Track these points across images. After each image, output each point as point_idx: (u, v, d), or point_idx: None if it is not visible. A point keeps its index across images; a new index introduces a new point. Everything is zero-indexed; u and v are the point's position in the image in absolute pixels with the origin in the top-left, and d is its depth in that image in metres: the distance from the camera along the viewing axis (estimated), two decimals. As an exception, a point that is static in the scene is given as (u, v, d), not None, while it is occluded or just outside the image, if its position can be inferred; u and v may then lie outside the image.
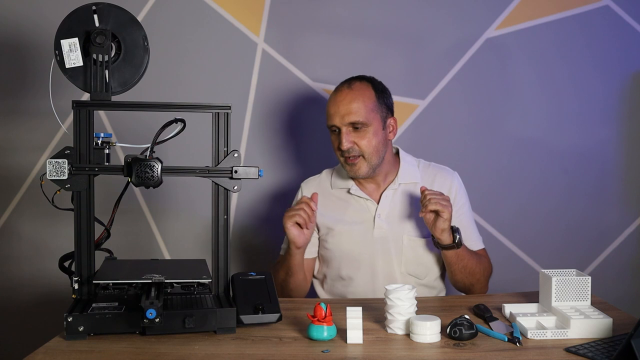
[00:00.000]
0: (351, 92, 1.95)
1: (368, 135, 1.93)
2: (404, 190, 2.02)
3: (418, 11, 2.44)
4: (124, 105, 1.63)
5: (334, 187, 2.07)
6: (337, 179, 2.08)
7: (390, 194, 2.02)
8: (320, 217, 2.03)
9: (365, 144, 1.93)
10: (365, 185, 2.04)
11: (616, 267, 2.53)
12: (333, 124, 1.95)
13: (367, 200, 2.02)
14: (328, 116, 1.97)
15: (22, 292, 2.46)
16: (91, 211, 1.58)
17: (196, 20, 2.41)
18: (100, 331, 1.46)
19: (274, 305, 1.60)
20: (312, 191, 2.04)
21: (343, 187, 2.05)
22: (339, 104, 1.94)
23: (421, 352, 1.41)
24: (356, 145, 1.93)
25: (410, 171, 2.04)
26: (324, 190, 2.07)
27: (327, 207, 2.04)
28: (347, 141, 1.92)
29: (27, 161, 2.42)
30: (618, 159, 2.53)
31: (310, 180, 2.13)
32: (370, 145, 1.94)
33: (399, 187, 2.02)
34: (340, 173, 2.09)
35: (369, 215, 2.01)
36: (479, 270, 1.95)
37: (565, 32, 2.47)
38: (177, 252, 2.46)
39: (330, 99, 1.99)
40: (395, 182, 2.02)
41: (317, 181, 2.11)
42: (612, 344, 1.40)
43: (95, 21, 1.56)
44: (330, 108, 1.97)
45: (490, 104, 2.49)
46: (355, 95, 1.94)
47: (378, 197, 2.03)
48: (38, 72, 2.36)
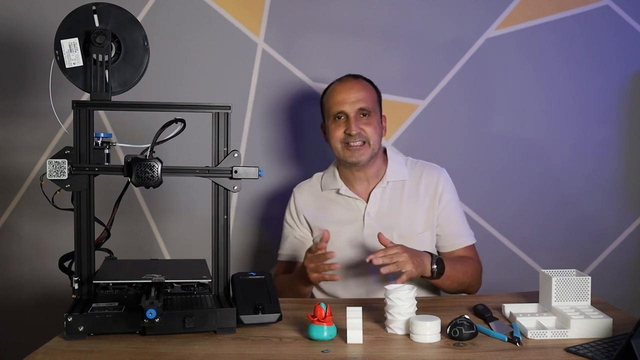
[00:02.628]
0: (358, 82, 2.03)
1: (374, 123, 2.00)
2: (393, 188, 2.04)
3: (418, 11, 2.44)
4: (124, 105, 1.63)
5: (324, 189, 2.10)
6: (327, 181, 2.11)
7: (379, 192, 2.04)
8: (312, 219, 2.07)
9: (372, 130, 1.98)
10: (355, 185, 2.06)
11: (616, 267, 2.53)
12: (341, 110, 1.98)
13: (356, 199, 2.04)
14: (334, 104, 2.00)
15: (22, 292, 2.46)
16: (91, 211, 1.58)
17: (196, 20, 2.41)
18: (100, 331, 1.46)
19: (274, 305, 1.60)
20: (305, 196, 2.11)
21: (333, 188, 2.08)
22: (349, 91, 1.99)
23: (421, 352, 1.41)
24: (363, 131, 1.97)
25: (398, 169, 2.06)
26: (315, 193, 2.11)
27: (319, 209, 2.08)
28: (356, 126, 1.96)
29: (27, 161, 2.42)
30: (618, 159, 2.53)
31: (301, 185, 2.16)
32: (376, 133, 1.99)
33: (387, 185, 2.04)
34: (330, 175, 2.11)
35: (359, 214, 2.03)
36: (466, 279, 1.95)
37: (565, 32, 2.47)
38: (177, 252, 2.46)
39: (334, 89, 2.03)
40: (383, 180, 2.04)
41: (309, 185, 2.14)
42: (612, 344, 1.40)
43: (95, 21, 1.56)
44: (337, 96, 2.00)
45: (491, 104, 2.49)
46: (362, 85, 2.03)
47: (367, 196, 2.04)
48: (38, 72, 2.36)
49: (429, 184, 2.04)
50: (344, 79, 2.06)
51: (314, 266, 1.80)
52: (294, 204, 2.12)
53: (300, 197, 2.11)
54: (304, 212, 2.09)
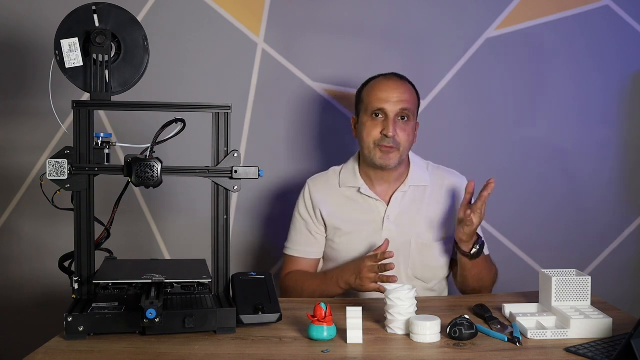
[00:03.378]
0: (403, 84, 1.98)
1: (409, 129, 1.95)
2: (414, 192, 2.01)
3: (418, 11, 2.44)
4: (124, 105, 1.63)
5: (342, 186, 2.04)
6: (346, 177, 2.04)
7: (400, 196, 2.00)
8: (328, 216, 2.01)
9: (406, 137, 1.94)
10: (376, 186, 2.02)
11: (616, 267, 2.53)
12: (382, 107, 1.93)
13: (377, 200, 2.00)
14: (375, 100, 1.94)
15: (22, 292, 2.46)
16: (91, 211, 1.58)
17: (196, 20, 2.41)
18: (100, 331, 1.46)
19: (274, 305, 1.60)
20: (321, 191, 2.03)
21: (352, 185, 2.02)
22: (393, 90, 1.94)
23: (421, 352, 1.41)
24: (397, 136, 1.93)
25: (420, 174, 2.03)
26: (332, 189, 2.04)
27: (335, 205, 2.02)
28: (394, 129, 1.92)
29: (27, 161, 2.42)
30: (618, 159, 2.53)
31: (316, 177, 2.09)
32: (409, 140, 1.96)
33: (409, 189, 2.01)
34: (349, 171, 2.05)
35: (378, 216, 1.99)
36: (488, 279, 1.96)
37: (565, 32, 2.47)
38: (177, 252, 2.46)
39: (377, 84, 1.97)
40: (405, 184, 2.01)
41: (325, 179, 2.07)
42: (612, 344, 1.40)
43: (95, 21, 1.56)
44: (380, 92, 1.94)
45: (490, 104, 2.49)
46: (407, 87, 1.98)
47: (388, 198, 2.01)
48: (38, 72, 2.36)
49: (451, 192, 2.01)
50: (389, 76, 1.99)
51: (375, 276, 1.74)
52: (309, 197, 2.04)
53: (316, 191, 2.04)
54: (320, 207, 2.01)
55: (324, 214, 2.01)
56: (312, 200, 2.03)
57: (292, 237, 2.06)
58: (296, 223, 2.06)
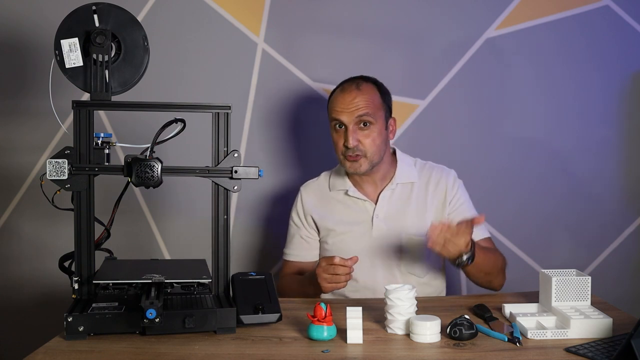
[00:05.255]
0: (360, 93, 1.96)
1: (373, 135, 1.95)
2: (402, 190, 2.03)
3: (418, 11, 2.44)
4: (124, 105, 1.63)
5: (332, 189, 2.08)
6: (335, 181, 2.09)
7: (387, 194, 2.03)
8: (319, 220, 2.06)
9: (370, 142, 1.94)
10: (363, 186, 2.05)
11: (616, 267, 2.53)
12: (339, 119, 1.95)
13: (365, 201, 2.03)
14: (334, 111, 1.97)
15: (22, 292, 2.46)
16: (91, 211, 1.58)
17: (196, 20, 2.41)
18: (100, 331, 1.47)
19: (274, 305, 1.60)
20: (312, 196, 2.08)
21: (341, 188, 2.06)
22: (349, 101, 1.94)
23: (421, 352, 1.41)
24: (360, 144, 1.94)
25: (408, 171, 2.05)
26: (323, 193, 2.09)
27: (327, 209, 2.06)
28: (353, 139, 1.93)
29: (27, 161, 2.42)
30: (618, 159, 2.53)
31: (309, 184, 2.14)
32: (374, 145, 1.95)
33: (396, 187, 2.03)
34: (338, 174, 2.09)
35: (367, 216, 2.02)
36: (493, 270, 1.91)
37: (565, 32, 2.47)
38: (177, 252, 2.46)
39: (336, 96, 1.99)
40: (392, 182, 2.03)
41: (316, 184, 2.12)
42: (612, 344, 1.40)
43: (95, 21, 1.56)
44: (337, 104, 1.96)
45: (490, 104, 2.49)
46: (363, 91, 1.96)
47: (376, 197, 2.04)
48: (38, 72, 2.36)
49: (438, 186, 2.02)
50: (345, 86, 2.00)
51: (328, 276, 1.77)
52: (301, 204, 2.10)
53: (307, 197, 2.09)
54: (311, 212, 2.07)
55: (316, 219, 2.06)
56: (303, 207, 2.09)
57: (288, 243, 2.13)
58: (290, 229, 2.13)
